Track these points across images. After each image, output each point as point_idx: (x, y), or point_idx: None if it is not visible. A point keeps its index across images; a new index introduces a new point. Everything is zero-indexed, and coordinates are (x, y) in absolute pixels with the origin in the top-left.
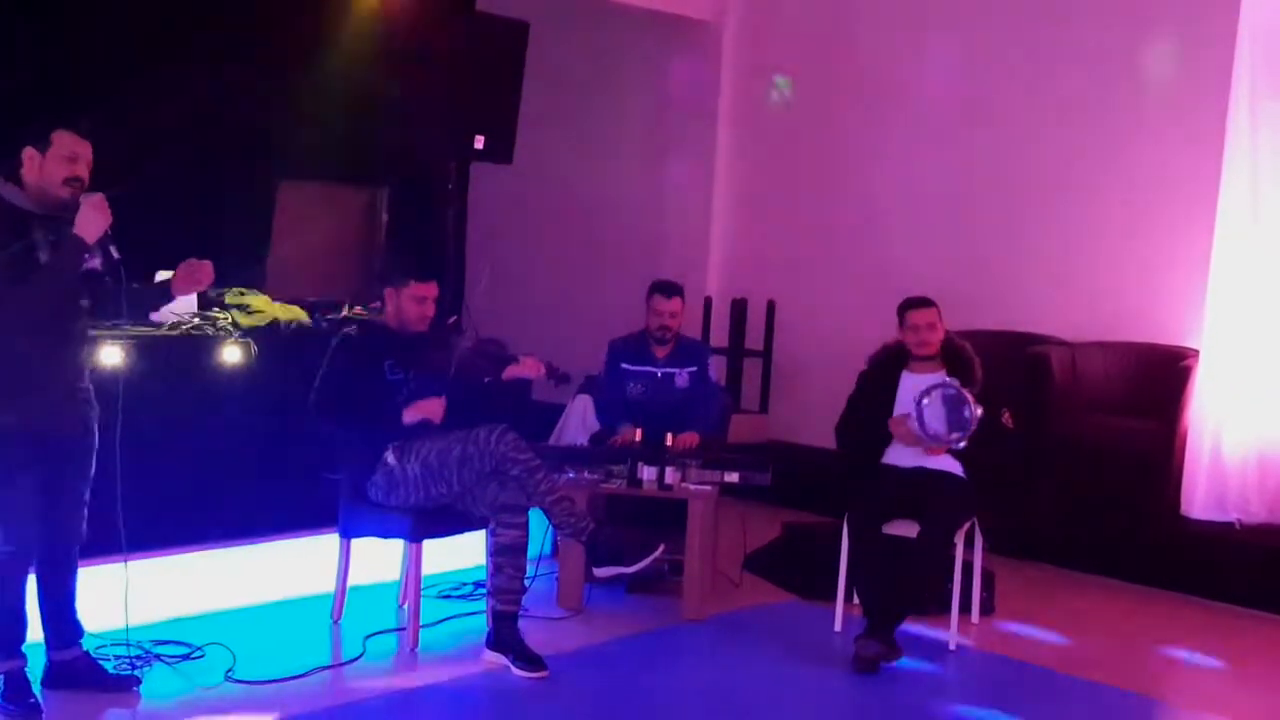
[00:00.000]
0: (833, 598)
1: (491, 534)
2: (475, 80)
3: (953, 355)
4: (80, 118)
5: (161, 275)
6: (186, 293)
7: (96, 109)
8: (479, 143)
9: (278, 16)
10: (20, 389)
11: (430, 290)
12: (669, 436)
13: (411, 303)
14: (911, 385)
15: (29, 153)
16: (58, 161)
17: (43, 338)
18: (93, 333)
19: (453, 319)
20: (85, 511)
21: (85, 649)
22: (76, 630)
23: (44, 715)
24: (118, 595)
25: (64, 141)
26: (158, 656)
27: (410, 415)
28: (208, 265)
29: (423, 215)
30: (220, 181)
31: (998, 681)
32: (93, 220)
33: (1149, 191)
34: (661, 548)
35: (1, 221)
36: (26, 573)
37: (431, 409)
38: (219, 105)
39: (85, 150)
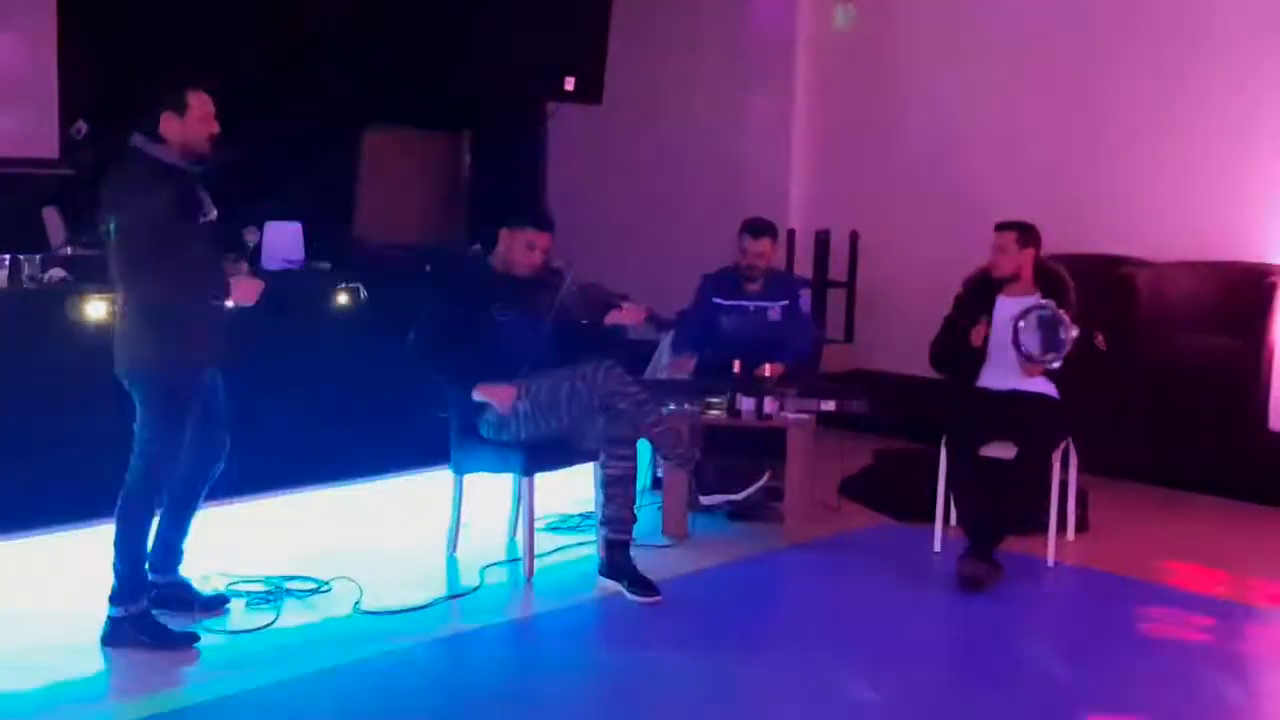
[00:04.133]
0: (928, 519)
1: (601, 466)
2: (563, 19)
3: (1046, 279)
4: (205, 76)
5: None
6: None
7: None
8: (569, 84)
9: None
10: (202, 328)
11: (542, 240)
12: (766, 367)
13: (522, 248)
14: (1006, 308)
15: (168, 116)
16: (199, 122)
17: (209, 276)
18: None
19: (558, 263)
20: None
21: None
22: (179, 557)
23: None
24: (246, 536)
25: (202, 101)
26: (289, 591)
27: (479, 393)
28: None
29: (506, 159)
30: (308, 130)
31: (1096, 594)
32: (247, 294)
33: (1233, 109)
34: (768, 474)
35: (165, 178)
36: (154, 515)
37: (501, 395)
38: (303, 54)
39: (213, 105)
